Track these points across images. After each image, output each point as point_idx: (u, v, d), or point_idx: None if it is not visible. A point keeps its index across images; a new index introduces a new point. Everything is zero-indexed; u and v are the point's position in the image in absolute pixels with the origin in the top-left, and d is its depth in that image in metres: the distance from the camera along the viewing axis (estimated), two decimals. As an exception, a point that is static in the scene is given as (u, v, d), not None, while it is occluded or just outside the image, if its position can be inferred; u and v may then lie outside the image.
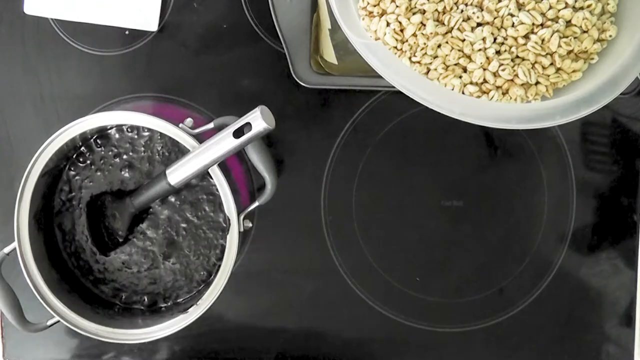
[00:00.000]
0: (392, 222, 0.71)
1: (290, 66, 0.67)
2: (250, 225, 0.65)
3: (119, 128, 0.65)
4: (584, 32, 0.58)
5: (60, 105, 0.70)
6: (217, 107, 0.69)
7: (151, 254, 0.65)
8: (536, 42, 0.56)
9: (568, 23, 0.57)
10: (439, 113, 0.56)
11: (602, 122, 0.70)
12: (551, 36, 0.56)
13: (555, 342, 0.72)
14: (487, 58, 0.57)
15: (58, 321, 0.62)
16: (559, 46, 0.57)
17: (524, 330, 0.71)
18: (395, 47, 0.58)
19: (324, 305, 0.71)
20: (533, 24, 0.56)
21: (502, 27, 0.57)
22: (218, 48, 0.69)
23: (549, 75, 0.58)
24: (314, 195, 0.71)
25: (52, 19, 0.69)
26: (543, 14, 0.57)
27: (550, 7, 0.57)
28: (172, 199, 0.65)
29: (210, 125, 0.62)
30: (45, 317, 0.62)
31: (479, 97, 0.58)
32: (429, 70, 0.58)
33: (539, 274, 0.71)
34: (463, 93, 0.58)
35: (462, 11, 0.57)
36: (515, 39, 0.57)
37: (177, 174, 0.60)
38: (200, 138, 0.61)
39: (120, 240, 0.65)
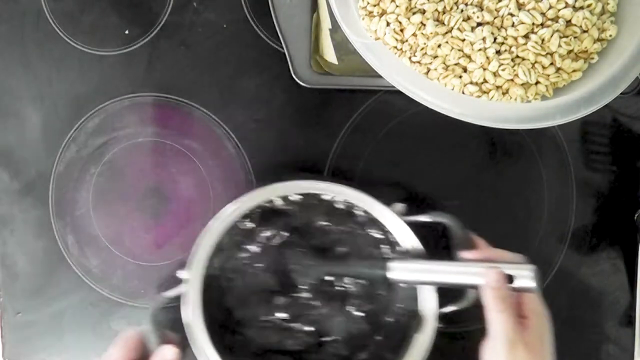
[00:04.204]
0: (392, 222, 0.71)
1: (290, 66, 0.67)
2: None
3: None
4: (584, 31, 0.58)
5: (60, 105, 0.69)
6: (217, 107, 0.69)
7: (311, 333, 0.63)
8: (536, 42, 0.56)
9: (568, 23, 0.57)
10: (439, 113, 0.56)
11: (602, 122, 0.70)
12: (551, 36, 0.56)
13: (555, 342, 0.71)
14: (487, 58, 0.57)
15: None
16: (559, 46, 0.57)
17: (524, 330, 0.71)
18: (395, 47, 0.58)
19: (324, 305, 0.71)
20: (533, 23, 0.56)
21: (502, 26, 0.57)
22: (218, 48, 0.69)
23: (549, 75, 0.58)
24: (314, 195, 0.70)
25: (51, 18, 0.69)
26: (543, 14, 0.57)
27: (550, 7, 0.57)
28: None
29: (427, 219, 0.59)
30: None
31: (479, 97, 0.58)
32: (429, 70, 0.58)
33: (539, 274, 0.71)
34: (463, 93, 0.58)
35: (462, 11, 0.57)
36: (515, 38, 0.57)
37: (399, 272, 0.57)
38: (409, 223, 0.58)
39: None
